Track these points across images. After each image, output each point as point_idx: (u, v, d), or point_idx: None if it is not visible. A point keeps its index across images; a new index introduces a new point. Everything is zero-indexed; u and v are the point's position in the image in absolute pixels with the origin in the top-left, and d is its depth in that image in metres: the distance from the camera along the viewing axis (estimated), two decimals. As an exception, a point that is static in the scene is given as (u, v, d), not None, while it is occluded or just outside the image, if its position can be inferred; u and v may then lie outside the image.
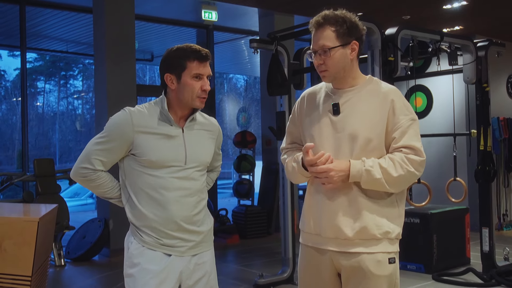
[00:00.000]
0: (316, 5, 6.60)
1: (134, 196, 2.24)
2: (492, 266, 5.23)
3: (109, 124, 2.24)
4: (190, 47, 2.21)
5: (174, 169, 2.22)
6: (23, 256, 2.54)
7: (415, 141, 2.10)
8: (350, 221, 2.12)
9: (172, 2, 7.50)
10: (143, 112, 2.24)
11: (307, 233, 2.28)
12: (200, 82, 2.20)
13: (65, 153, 21.23)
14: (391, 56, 4.51)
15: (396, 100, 2.14)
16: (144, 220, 2.22)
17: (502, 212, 8.37)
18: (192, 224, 2.25)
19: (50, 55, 18.65)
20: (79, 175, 2.25)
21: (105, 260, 6.53)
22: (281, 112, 5.24)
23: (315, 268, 2.25)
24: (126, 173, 2.27)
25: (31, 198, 6.29)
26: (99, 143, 2.23)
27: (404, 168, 2.06)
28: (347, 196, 2.13)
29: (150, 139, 2.20)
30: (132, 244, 2.25)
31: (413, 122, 2.13)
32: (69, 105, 23.24)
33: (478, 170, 5.26)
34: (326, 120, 2.19)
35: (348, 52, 2.15)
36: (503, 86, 8.67)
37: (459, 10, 6.74)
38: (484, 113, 5.26)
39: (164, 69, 2.24)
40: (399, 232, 2.18)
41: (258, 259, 6.66)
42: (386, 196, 2.15)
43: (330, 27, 2.13)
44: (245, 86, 23.83)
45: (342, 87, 2.20)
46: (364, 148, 2.11)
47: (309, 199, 2.27)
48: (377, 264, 2.12)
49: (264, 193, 8.36)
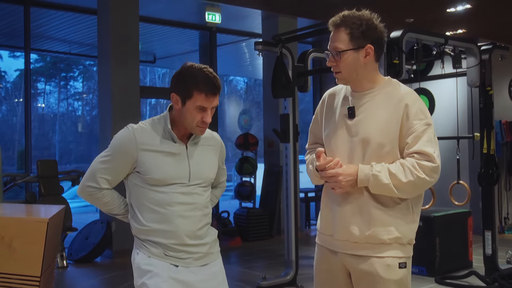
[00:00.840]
0: (320, 8, 6.68)
1: (138, 211, 2.25)
2: (495, 269, 5.24)
3: (113, 143, 2.25)
4: (203, 75, 2.14)
5: (178, 186, 2.22)
6: (32, 256, 2.55)
7: (428, 146, 2.06)
8: (360, 225, 2.13)
9: (176, 4, 7.52)
10: (146, 129, 2.24)
11: (322, 233, 2.30)
12: (202, 113, 2.17)
13: (65, 155, 21.21)
14: (396, 59, 4.51)
15: (411, 104, 2.10)
16: (148, 235, 2.23)
17: (504, 216, 8.39)
18: (196, 238, 2.25)
19: (50, 56, 18.65)
20: (85, 193, 2.28)
21: (107, 261, 6.53)
22: (285, 114, 5.24)
23: (329, 268, 2.27)
24: (130, 189, 2.28)
25: (34, 199, 6.28)
26: (104, 162, 2.24)
27: (414, 174, 2.03)
28: (358, 200, 2.14)
29: (154, 156, 2.20)
30: (138, 255, 2.25)
31: (428, 127, 2.10)
32: (69, 106, 23.24)
33: (481, 173, 5.28)
34: (341, 124, 2.19)
35: (361, 55, 2.12)
36: (505, 89, 8.69)
37: (462, 13, 6.77)
38: (488, 116, 5.28)
39: (173, 87, 2.21)
40: (412, 237, 2.17)
41: (261, 261, 6.66)
42: (400, 201, 2.13)
43: (345, 29, 2.11)
44: (245, 88, 23.82)
45: (359, 90, 2.19)
46: (377, 153, 2.10)
47: (325, 201, 2.30)
48: (387, 268, 2.11)
49: (266, 195, 8.37)
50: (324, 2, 6.30)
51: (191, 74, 2.15)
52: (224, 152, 2.48)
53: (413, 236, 2.18)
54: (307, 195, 9.13)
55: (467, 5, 6.45)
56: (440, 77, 5.71)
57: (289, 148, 5.25)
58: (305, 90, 5.43)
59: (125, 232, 6.39)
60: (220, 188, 2.57)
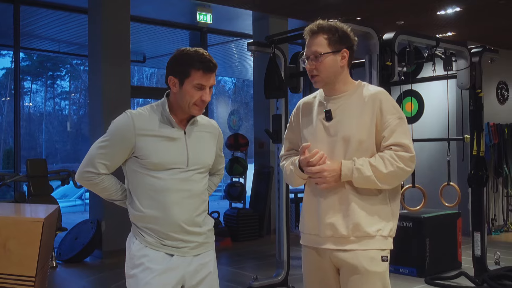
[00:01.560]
0: (312, 10, 6.71)
1: (136, 197, 2.25)
2: (484, 270, 5.29)
3: (111, 128, 2.25)
4: (198, 55, 2.19)
5: (176, 171, 2.22)
6: (28, 256, 2.53)
7: (403, 138, 2.19)
8: (345, 219, 2.22)
9: (167, 4, 7.49)
10: (145, 115, 2.25)
11: (307, 234, 2.36)
12: (200, 92, 2.20)
13: (51, 154, 21.07)
14: (389, 61, 4.55)
15: (384, 101, 2.24)
16: (145, 222, 2.23)
17: (491, 217, 8.48)
18: (194, 225, 2.26)
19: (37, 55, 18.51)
20: (83, 179, 2.28)
21: (97, 262, 6.49)
22: (278, 115, 5.25)
23: (317, 269, 2.33)
24: (128, 175, 2.28)
25: (23, 199, 6.23)
26: (102, 147, 2.24)
27: (394, 164, 2.15)
28: (339, 194, 2.24)
29: (152, 141, 2.20)
30: (134, 245, 2.25)
31: (401, 121, 2.23)
32: (56, 105, 23.08)
33: (471, 175, 5.33)
34: (319, 126, 2.31)
35: (338, 59, 2.28)
36: (493, 92, 8.78)
37: (452, 16, 6.83)
38: (478, 118, 5.33)
39: (169, 71, 2.24)
40: (391, 229, 2.26)
41: (251, 262, 6.66)
42: (377, 193, 2.24)
43: (323, 34, 2.27)
44: (234, 89, 23.83)
45: (333, 94, 2.32)
46: (357, 149, 2.22)
47: (307, 201, 2.37)
48: (370, 261, 2.20)
49: (256, 196, 8.38)
50: (316, 4, 6.33)
51: (186, 55, 2.19)
52: (222, 140, 2.50)
53: (393, 228, 2.27)
54: (297, 195, 9.15)
55: (457, 8, 6.52)
56: (431, 79, 5.76)
57: (281, 148, 5.24)
58: (297, 91, 5.45)
59: (115, 232, 6.41)
60: (218, 175, 2.59)
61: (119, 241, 4.84)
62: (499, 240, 7.98)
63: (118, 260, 6.10)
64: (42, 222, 2.54)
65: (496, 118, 8.51)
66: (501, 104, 8.92)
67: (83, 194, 13.62)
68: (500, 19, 7.06)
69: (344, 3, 6.16)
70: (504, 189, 8.71)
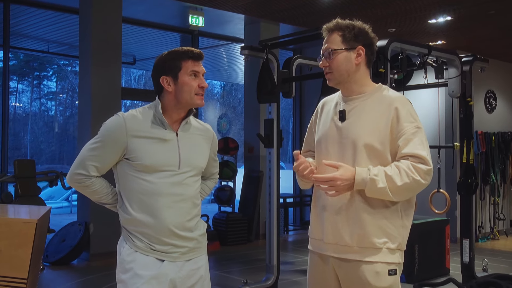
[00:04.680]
0: (304, 15, 6.73)
1: (127, 201, 2.22)
2: (472, 277, 5.32)
3: (102, 129, 2.23)
4: (182, 48, 2.25)
5: (168, 173, 2.20)
6: (20, 258, 2.49)
7: (420, 149, 2.08)
8: (350, 228, 2.14)
9: (159, 6, 7.47)
10: (137, 116, 2.23)
11: (313, 239, 2.32)
12: (197, 79, 2.23)
13: (36, 155, 20.84)
14: (382, 68, 4.57)
15: (401, 108, 2.14)
16: (136, 225, 2.20)
17: (478, 224, 8.55)
18: (185, 230, 2.24)
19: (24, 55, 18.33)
20: (74, 181, 2.25)
21: (84, 264, 6.43)
22: (270, 119, 5.25)
23: (321, 276, 2.28)
24: (119, 178, 2.26)
25: (10, 200, 6.16)
26: (93, 149, 2.22)
27: (410, 176, 2.04)
28: (349, 203, 2.15)
29: (144, 143, 2.19)
30: (124, 249, 2.22)
31: (418, 130, 2.12)
32: (42, 106, 22.85)
33: (460, 182, 5.36)
34: (332, 127, 2.24)
35: (353, 56, 2.19)
36: (481, 101, 8.88)
37: (443, 25, 6.89)
38: (468, 126, 5.38)
39: (159, 73, 2.24)
40: (401, 242, 2.16)
41: (239, 266, 6.64)
42: (390, 205, 2.14)
43: (338, 31, 2.21)
44: (222, 92, 23.81)
45: (350, 95, 2.24)
46: (366, 155, 2.12)
47: (315, 205, 2.31)
48: (376, 275, 2.11)
49: (245, 200, 8.36)
50: (308, 10, 6.35)
51: (172, 53, 2.25)
52: (216, 144, 2.49)
53: (403, 241, 2.18)
54: (286, 200, 9.16)
55: (448, 17, 6.58)
56: (422, 86, 5.80)
57: (272, 153, 5.26)
58: (289, 96, 5.46)
59: (103, 234, 6.36)
60: (213, 179, 2.57)
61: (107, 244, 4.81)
62: (485, 247, 8.04)
63: (105, 262, 6.05)
64: (35, 223, 2.51)
65: (484, 127, 8.60)
66: (489, 113, 9.02)
67: (69, 196, 13.50)
68: (490, 29, 7.14)
69: (336, 10, 6.19)
70: (491, 197, 8.79)
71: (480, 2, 5.97)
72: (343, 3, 6.15)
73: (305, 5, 6.16)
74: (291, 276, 5.75)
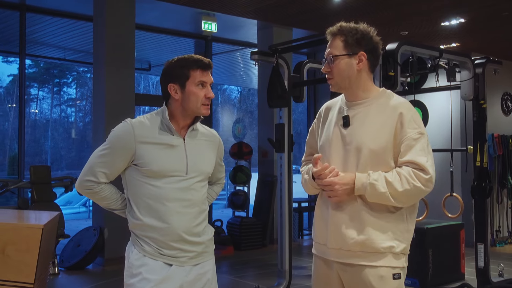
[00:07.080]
0: (316, 19, 6.72)
1: (135, 206, 2.25)
2: (487, 282, 5.25)
3: (111, 136, 2.26)
4: (192, 57, 2.25)
5: (175, 179, 2.23)
6: (26, 263, 2.53)
7: (421, 156, 2.07)
8: (354, 233, 2.12)
9: (172, 12, 7.53)
10: (144, 123, 2.26)
11: (317, 243, 2.31)
12: (204, 90, 2.24)
13: (57, 161, 21.11)
14: (391, 71, 4.54)
15: (405, 113, 2.12)
16: (144, 230, 2.23)
17: (496, 228, 8.43)
18: (193, 235, 2.25)
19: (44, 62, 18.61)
20: (83, 188, 2.28)
21: (99, 269, 6.49)
22: (281, 124, 5.25)
23: (325, 280, 2.27)
24: (128, 183, 2.28)
25: (26, 205, 6.24)
26: (102, 156, 2.25)
27: (410, 182, 2.03)
28: (352, 208, 2.14)
29: (152, 149, 2.21)
30: (132, 254, 2.25)
31: (421, 136, 2.11)
32: (62, 112, 23.15)
33: (474, 186, 5.30)
34: (336, 133, 2.22)
35: (354, 62, 2.17)
36: (498, 103, 8.76)
37: (456, 27, 6.83)
38: (481, 129, 5.31)
39: (167, 80, 2.26)
40: (405, 247, 2.15)
41: (253, 271, 6.64)
42: (394, 210, 2.13)
43: (340, 36, 2.18)
44: (239, 97, 23.86)
45: (354, 100, 2.22)
46: (370, 161, 2.11)
47: (318, 210, 2.30)
48: (380, 280, 2.10)
49: (259, 204, 8.36)
50: (320, 14, 6.35)
51: (181, 60, 2.25)
52: (222, 149, 2.51)
53: (407, 245, 2.17)
54: (300, 205, 9.13)
55: (461, 20, 6.52)
56: (434, 89, 5.74)
57: (284, 157, 5.25)
58: (300, 100, 5.46)
59: (117, 239, 6.40)
60: (219, 184, 2.59)
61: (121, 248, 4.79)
62: (503, 252, 7.92)
63: (119, 267, 6.06)
64: (41, 228, 2.54)
65: (501, 130, 8.48)
66: (506, 116, 8.89)
67: (87, 201, 13.64)
68: (504, 30, 7.05)
69: (348, 12, 6.18)
70: (509, 200, 8.65)
71: (493, 3, 5.90)
72: (354, 7, 6.14)
73: (315, 9, 6.16)
74: (304, 281, 5.73)
